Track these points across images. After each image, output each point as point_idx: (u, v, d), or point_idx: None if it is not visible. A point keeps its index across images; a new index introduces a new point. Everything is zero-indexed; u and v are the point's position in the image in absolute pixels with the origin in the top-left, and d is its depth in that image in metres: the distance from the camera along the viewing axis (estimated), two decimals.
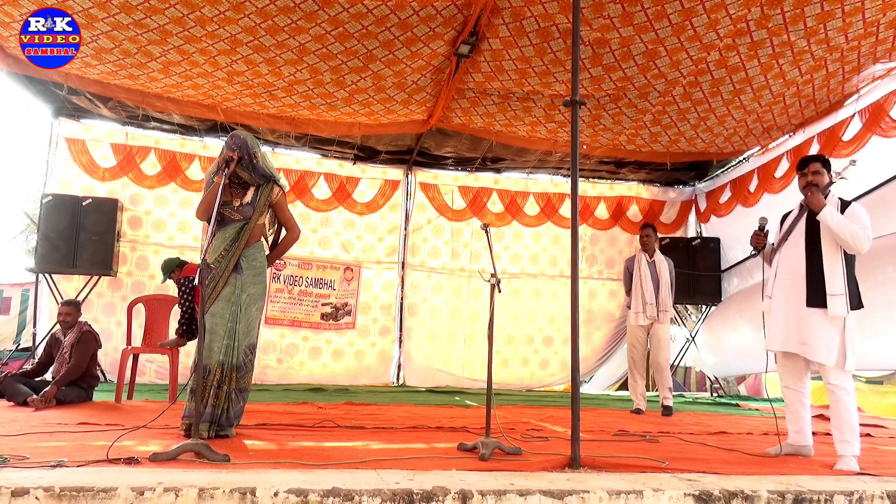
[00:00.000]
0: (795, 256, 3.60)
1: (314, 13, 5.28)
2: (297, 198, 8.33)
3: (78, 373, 5.12)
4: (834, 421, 3.46)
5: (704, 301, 9.11)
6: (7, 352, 8.82)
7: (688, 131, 7.46)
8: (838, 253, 3.46)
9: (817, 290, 3.46)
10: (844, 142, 6.46)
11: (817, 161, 3.70)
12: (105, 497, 2.12)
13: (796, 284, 3.56)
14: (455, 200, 8.96)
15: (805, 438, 3.68)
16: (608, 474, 2.80)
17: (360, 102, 6.90)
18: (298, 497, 2.20)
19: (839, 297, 3.40)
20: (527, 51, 5.90)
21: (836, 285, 3.42)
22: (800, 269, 3.56)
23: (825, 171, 3.65)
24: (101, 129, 7.65)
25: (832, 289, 3.42)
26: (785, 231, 3.73)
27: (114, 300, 7.58)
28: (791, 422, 3.74)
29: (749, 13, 5.19)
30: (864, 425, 5.39)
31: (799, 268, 3.56)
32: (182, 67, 6.18)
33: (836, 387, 3.44)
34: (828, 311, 3.41)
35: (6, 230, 19.75)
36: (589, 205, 9.19)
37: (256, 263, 3.74)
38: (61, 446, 3.07)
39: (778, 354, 3.73)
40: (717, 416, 6.18)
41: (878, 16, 5.17)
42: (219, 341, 3.55)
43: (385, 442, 3.64)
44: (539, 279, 9.13)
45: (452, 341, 8.82)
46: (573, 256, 3.25)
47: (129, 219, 7.74)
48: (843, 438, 3.37)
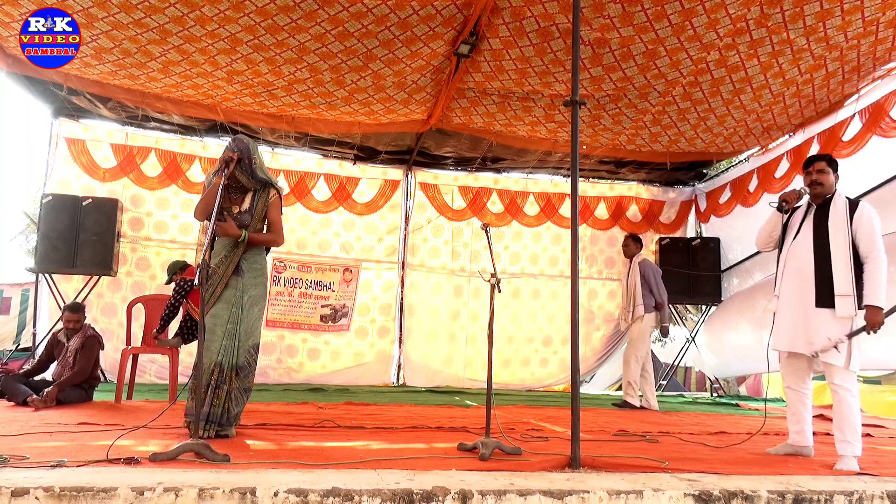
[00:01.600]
0: (803, 255, 3.56)
1: (314, 12, 5.27)
2: (298, 199, 8.33)
3: (83, 377, 5.12)
4: (836, 421, 3.44)
5: (704, 301, 9.11)
6: (7, 352, 8.82)
7: (688, 131, 7.46)
8: (848, 253, 3.41)
9: (826, 290, 3.43)
10: (844, 142, 6.46)
11: (822, 160, 3.67)
12: (105, 497, 2.12)
13: (804, 284, 3.52)
14: (455, 200, 8.96)
15: (806, 439, 3.67)
16: (608, 474, 2.80)
17: (360, 102, 6.90)
18: (298, 497, 2.20)
19: (848, 298, 3.37)
20: (527, 51, 5.90)
21: (845, 286, 3.38)
22: (808, 268, 3.52)
23: (831, 171, 3.62)
24: (101, 129, 7.65)
25: (841, 289, 3.39)
26: (791, 228, 3.69)
27: (114, 300, 7.57)
28: (792, 422, 3.72)
29: (749, 12, 5.20)
30: (864, 425, 5.40)
31: (807, 267, 3.53)
32: (182, 67, 6.18)
33: (839, 387, 3.42)
34: (836, 312, 3.38)
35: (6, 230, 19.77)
36: (589, 205, 9.19)
37: (257, 266, 3.76)
38: (61, 446, 3.06)
39: (782, 355, 3.70)
40: (717, 416, 6.18)
41: (878, 14, 5.17)
42: (217, 342, 3.57)
43: (385, 442, 3.63)
44: (539, 279, 9.13)
45: (452, 341, 8.82)
46: (573, 256, 3.24)
47: (130, 220, 7.74)
48: (845, 439, 3.36)
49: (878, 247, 3.40)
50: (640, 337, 6.53)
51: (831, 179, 3.61)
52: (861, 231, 3.44)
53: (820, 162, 3.65)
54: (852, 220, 3.46)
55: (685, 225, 9.58)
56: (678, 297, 9.13)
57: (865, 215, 3.46)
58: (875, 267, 3.37)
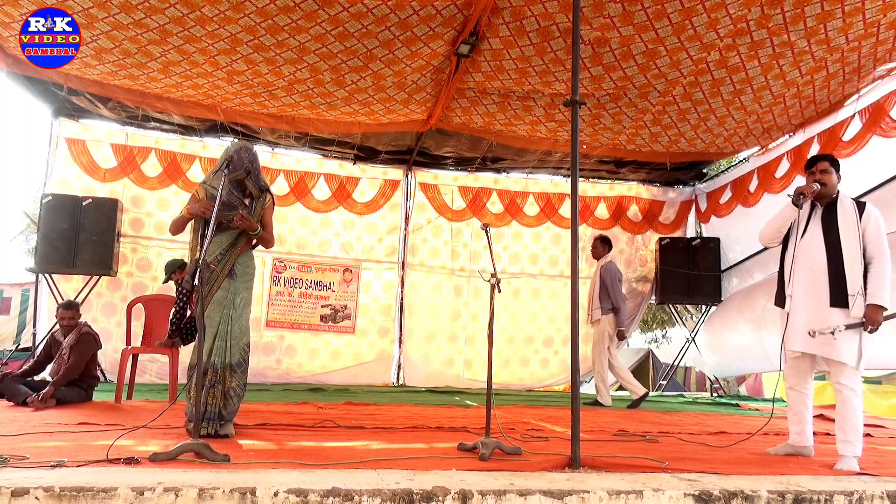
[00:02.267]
0: (814, 255, 3.55)
1: (314, 12, 5.27)
2: (298, 199, 8.33)
3: (76, 373, 5.11)
4: (839, 421, 3.44)
5: (704, 301, 9.12)
6: (7, 352, 8.82)
7: (688, 131, 7.46)
8: (859, 252, 3.44)
9: (840, 289, 3.43)
10: (844, 142, 6.46)
11: (825, 160, 3.67)
12: (105, 497, 2.12)
13: (818, 284, 3.51)
14: (455, 200, 8.96)
15: (806, 439, 3.67)
16: (608, 474, 2.80)
17: (360, 102, 6.90)
18: (298, 497, 2.20)
19: (860, 297, 3.39)
20: (527, 50, 5.90)
21: (858, 285, 3.40)
22: (819, 268, 3.52)
23: (833, 171, 3.62)
24: (101, 129, 7.65)
25: (854, 288, 3.40)
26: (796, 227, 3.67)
27: (114, 300, 7.57)
28: (793, 423, 3.72)
29: (749, 13, 5.19)
30: (865, 425, 5.40)
31: (818, 267, 3.52)
32: (182, 67, 6.18)
33: (845, 387, 3.43)
34: (850, 312, 3.39)
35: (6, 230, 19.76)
36: (589, 205, 9.20)
37: (249, 270, 3.90)
38: (61, 446, 3.06)
39: (790, 355, 3.68)
40: (717, 416, 6.18)
41: (879, 16, 5.17)
42: (209, 342, 3.65)
43: (385, 442, 3.63)
44: (539, 279, 9.12)
45: (452, 341, 8.82)
46: (573, 256, 3.24)
47: (130, 220, 7.74)
48: (846, 439, 3.36)
49: (884, 249, 3.44)
50: (600, 339, 6.71)
51: (834, 179, 3.61)
52: (869, 233, 3.47)
53: (823, 162, 3.65)
54: (861, 222, 3.48)
55: (685, 225, 9.59)
56: (678, 297, 9.15)
57: (874, 218, 3.49)
58: (880, 267, 3.41)
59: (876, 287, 3.38)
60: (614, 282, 6.70)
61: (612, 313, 6.67)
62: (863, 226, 3.48)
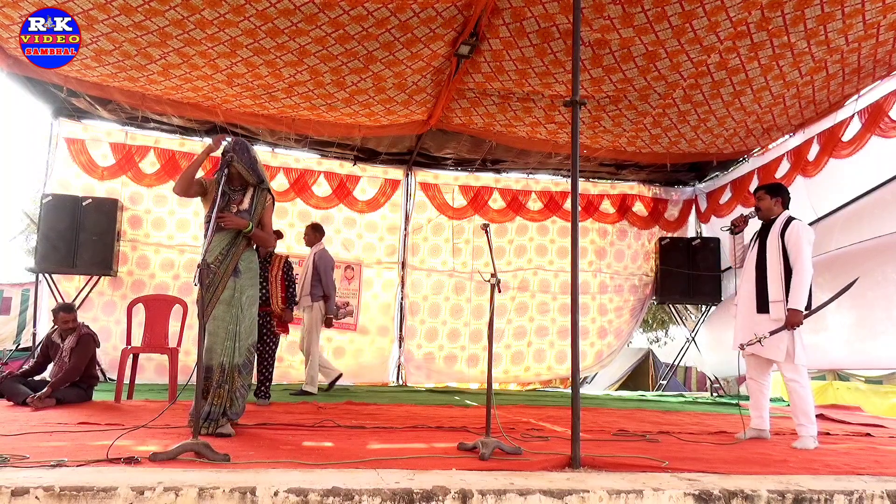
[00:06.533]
0: (750, 269, 4.22)
1: (314, 16, 5.27)
2: (298, 195, 8.33)
3: (76, 375, 5.12)
4: (792, 408, 4.06)
5: (704, 301, 9.12)
6: (7, 352, 8.82)
7: (688, 133, 7.46)
8: (780, 264, 4.02)
9: (763, 298, 4.08)
10: (844, 142, 6.46)
11: (761, 189, 4.34)
12: (105, 497, 2.12)
13: (751, 294, 4.17)
14: (456, 199, 8.96)
15: (764, 423, 4.24)
16: (608, 474, 2.80)
17: (361, 103, 6.90)
18: (298, 497, 2.20)
19: (779, 304, 3.98)
20: (527, 51, 5.90)
21: (777, 293, 4.00)
22: (751, 280, 4.18)
23: (768, 196, 4.24)
24: (101, 128, 7.66)
25: (774, 296, 4.02)
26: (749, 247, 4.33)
27: (114, 299, 7.57)
28: (753, 408, 4.36)
29: (749, 16, 5.19)
30: (865, 425, 5.41)
31: (751, 279, 4.18)
32: (182, 70, 6.18)
33: (790, 380, 4.04)
34: (770, 316, 4.01)
35: (6, 230, 19.75)
36: (593, 201, 9.23)
37: (252, 266, 3.88)
38: (61, 446, 3.06)
39: (744, 352, 4.28)
40: (717, 416, 6.17)
41: (879, 18, 5.17)
42: (220, 343, 3.65)
43: (385, 442, 3.63)
44: (548, 270, 9.11)
45: (453, 340, 8.82)
46: (573, 256, 3.24)
47: (129, 218, 7.74)
48: (800, 423, 3.97)
49: (802, 259, 3.95)
50: (313, 326, 6.64)
51: (769, 204, 4.21)
52: (789, 245, 4.01)
53: (760, 191, 4.35)
54: (783, 236, 4.04)
55: (686, 225, 9.60)
56: (678, 296, 9.15)
57: (794, 232, 4.02)
58: (797, 276, 3.94)
59: (793, 293, 3.94)
60: (327, 269, 6.70)
61: (323, 300, 6.64)
62: (786, 239, 4.02)
